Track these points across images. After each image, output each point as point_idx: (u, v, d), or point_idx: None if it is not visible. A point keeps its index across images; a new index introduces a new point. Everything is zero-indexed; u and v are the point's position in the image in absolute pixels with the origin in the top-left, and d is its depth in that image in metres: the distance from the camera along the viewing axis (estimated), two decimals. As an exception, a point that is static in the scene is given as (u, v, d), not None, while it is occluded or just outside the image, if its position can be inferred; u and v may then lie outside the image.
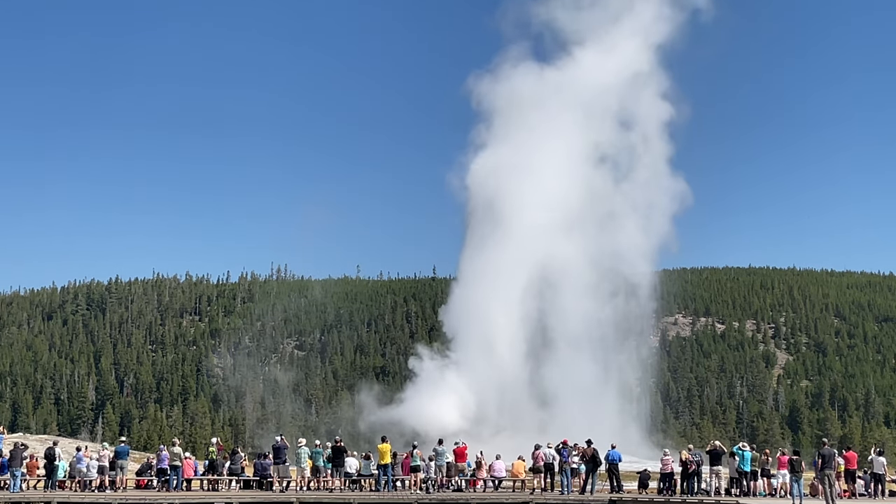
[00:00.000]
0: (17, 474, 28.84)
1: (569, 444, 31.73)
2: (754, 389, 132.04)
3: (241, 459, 32.78)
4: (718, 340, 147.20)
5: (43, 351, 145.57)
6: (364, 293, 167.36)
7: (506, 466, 34.21)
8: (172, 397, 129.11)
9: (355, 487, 31.83)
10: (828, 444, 26.54)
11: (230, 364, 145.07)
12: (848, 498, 29.35)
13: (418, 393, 74.70)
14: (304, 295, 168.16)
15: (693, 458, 29.89)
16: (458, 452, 32.80)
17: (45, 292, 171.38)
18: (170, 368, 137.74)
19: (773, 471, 31.68)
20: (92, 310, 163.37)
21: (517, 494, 31.57)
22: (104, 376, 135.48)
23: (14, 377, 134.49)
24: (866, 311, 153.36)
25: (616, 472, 31.26)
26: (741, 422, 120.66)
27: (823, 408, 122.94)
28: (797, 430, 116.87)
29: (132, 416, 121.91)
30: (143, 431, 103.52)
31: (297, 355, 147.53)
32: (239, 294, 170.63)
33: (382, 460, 30.84)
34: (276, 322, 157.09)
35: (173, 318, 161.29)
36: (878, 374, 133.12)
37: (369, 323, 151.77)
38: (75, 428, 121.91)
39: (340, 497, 29.25)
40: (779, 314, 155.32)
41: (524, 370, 75.47)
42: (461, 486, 32.08)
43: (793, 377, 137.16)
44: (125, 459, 30.98)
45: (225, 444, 44.84)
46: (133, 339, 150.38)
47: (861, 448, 62.87)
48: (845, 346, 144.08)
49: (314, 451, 32.06)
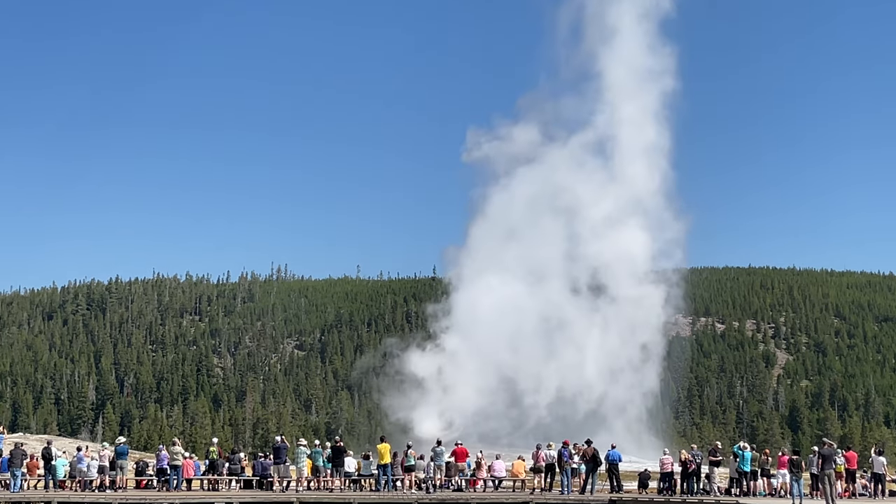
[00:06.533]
0: (17, 474, 28.84)
1: (569, 445, 31.74)
2: (754, 389, 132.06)
3: (241, 459, 32.80)
4: (718, 340, 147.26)
5: (43, 351, 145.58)
6: (364, 293, 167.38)
7: (506, 466, 34.23)
8: (172, 397, 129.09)
9: (355, 487, 31.84)
10: (828, 444, 26.46)
11: (230, 364, 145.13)
12: (848, 498, 29.34)
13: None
14: (304, 295, 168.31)
15: (693, 458, 29.89)
16: (458, 452, 32.80)
17: (45, 292, 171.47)
18: (170, 368, 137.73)
19: (773, 471, 31.69)
20: (92, 310, 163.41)
21: (517, 494, 31.55)
22: (104, 376, 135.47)
23: (14, 377, 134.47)
24: (866, 311, 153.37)
25: (616, 472, 31.27)
26: (741, 422, 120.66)
27: (823, 408, 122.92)
28: (797, 430, 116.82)
29: (132, 416, 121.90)
30: (143, 431, 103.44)
31: (297, 355, 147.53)
32: (239, 294, 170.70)
33: (382, 460, 30.86)
34: (276, 322, 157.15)
35: (173, 318, 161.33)
36: (878, 374, 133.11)
37: (369, 323, 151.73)
38: (75, 428, 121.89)
39: (340, 497, 29.24)
40: (779, 314, 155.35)
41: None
42: (461, 486, 32.08)
43: (793, 377, 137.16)
44: (125, 459, 30.98)
45: (225, 444, 44.88)
46: (133, 339, 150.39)
47: (861, 448, 62.94)
48: (845, 346, 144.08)
49: (314, 450, 32.08)
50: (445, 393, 72.05)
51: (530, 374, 74.69)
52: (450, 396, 71.78)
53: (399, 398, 74.30)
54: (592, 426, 66.94)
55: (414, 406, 71.85)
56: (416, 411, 71.09)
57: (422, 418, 69.52)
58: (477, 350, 72.91)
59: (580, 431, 56.98)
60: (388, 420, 73.40)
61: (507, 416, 73.25)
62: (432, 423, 68.27)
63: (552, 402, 73.75)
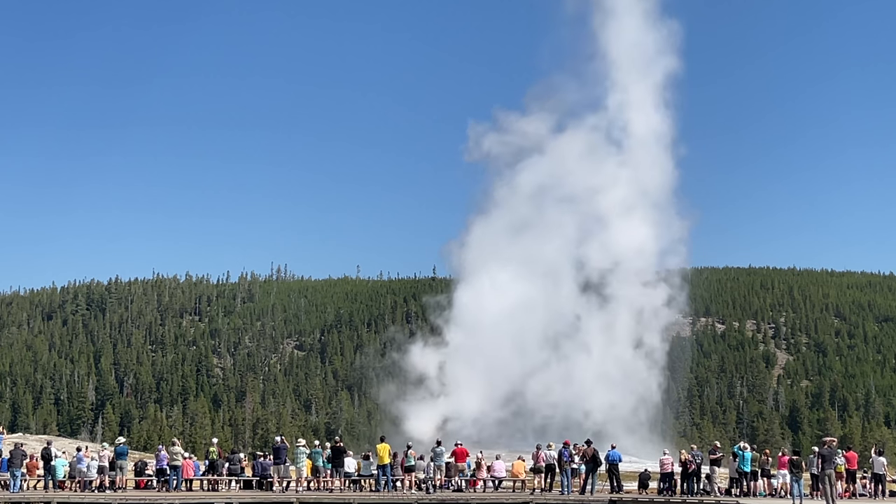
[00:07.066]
0: (16, 474, 28.84)
1: (569, 445, 31.74)
2: (754, 389, 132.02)
3: (240, 460, 32.80)
4: (718, 340, 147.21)
5: (43, 351, 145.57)
6: (364, 293, 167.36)
7: (506, 467, 34.22)
8: (172, 397, 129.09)
9: (355, 488, 31.84)
10: (828, 444, 26.42)
11: (230, 364, 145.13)
12: (848, 498, 29.33)
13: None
14: (304, 295, 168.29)
15: (693, 458, 29.87)
16: (458, 453, 32.78)
17: (45, 292, 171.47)
18: (170, 368, 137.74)
19: (773, 471, 31.67)
20: (92, 310, 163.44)
21: (517, 495, 31.55)
22: (104, 376, 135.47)
23: (14, 377, 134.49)
24: (866, 311, 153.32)
25: (616, 472, 31.27)
26: (741, 422, 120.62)
27: (823, 408, 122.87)
28: (797, 430, 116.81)
29: (132, 416, 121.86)
30: (143, 431, 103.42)
31: (297, 355, 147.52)
32: (239, 294, 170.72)
33: (382, 461, 30.85)
34: (276, 322, 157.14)
35: (173, 318, 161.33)
36: (878, 374, 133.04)
37: (369, 323, 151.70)
38: (75, 428, 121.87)
39: (340, 497, 29.24)
40: (779, 314, 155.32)
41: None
42: (461, 487, 32.07)
43: (793, 377, 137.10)
44: (125, 460, 30.98)
45: (224, 444, 44.89)
46: (133, 339, 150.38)
47: (861, 448, 62.86)
48: (845, 346, 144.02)
49: (314, 451, 32.07)
50: (444, 388, 71.89)
51: (531, 374, 74.40)
52: (448, 392, 71.60)
53: (395, 392, 74.25)
54: (592, 426, 66.85)
55: (409, 400, 71.73)
56: (411, 406, 70.96)
57: (417, 413, 69.30)
58: (477, 346, 72.63)
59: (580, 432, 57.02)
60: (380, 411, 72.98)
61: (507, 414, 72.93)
62: (428, 418, 67.96)
63: (552, 401, 73.53)
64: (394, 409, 72.70)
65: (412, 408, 70.78)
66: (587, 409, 72.00)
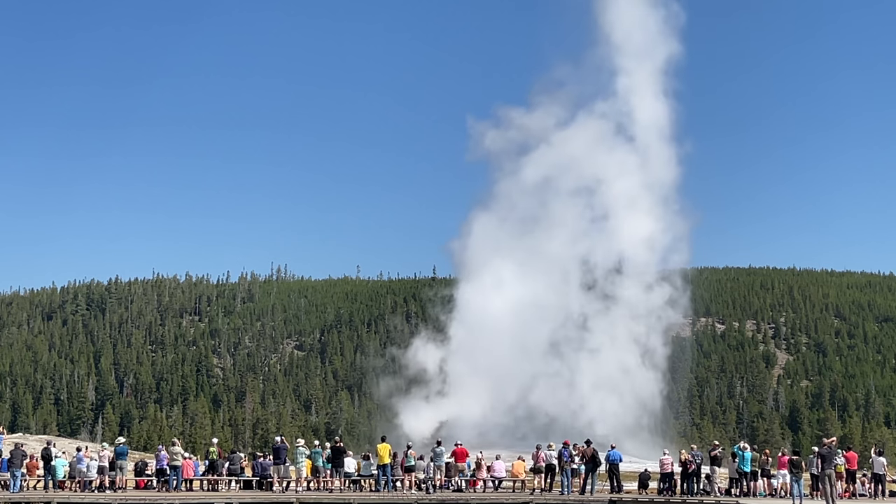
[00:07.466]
0: (16, 475, 28.84)
1: (569, 445, 31.75)
2: (754, 389, 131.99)
3: (240, 460, 32.81)
4: (718, 340, 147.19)
5: (43, 351, 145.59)
6: (364, 293, 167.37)
7: (506, 467, 34.22)
8: (172, 397, 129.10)
9: (355, 488, 31.84)
10: (828, 444, 26.42)
11: (230, 364, 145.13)
12: (848, 498, 29.33)
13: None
14: (304, 295, 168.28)
15: (693, 458, 29.87)
16: (458, 453, 32.79)
17: (45, 292, 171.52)
18: (170, 368, 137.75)
19: (773, 471, 31.67)
20: (92, 310, 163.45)
21: (517, 495, 31.56)
22: (104, 376, 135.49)
23: (14, 377, 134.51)
24: (866, 311, 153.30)
25: (616, 472, 31.27)
26: (741, 422, 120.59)
27: (823, 408, 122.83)
28: (797, 430, 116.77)
29: (132, 416, 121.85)
30: (143, 432, 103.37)
31: (297, 355, 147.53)
32: (239, 294, 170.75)
33: (382, 461, 30.85)
34: (276, 322, 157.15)
35: (173, 318, 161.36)
36: (878, 374, 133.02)
37: (369, 323, 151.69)
38: (75, 428, 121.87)
39: (340, 497, 29.25)
40: (779, 314, 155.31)
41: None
42: (461, 487, 32.07)
43: (793, 377, 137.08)
44: (125, 460, 30.99)
45: (224, 444, 44.88)
46: (133, 339, 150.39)
47: (861, 448, 62.82)
48: (845, 346, 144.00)
49: (313, 451, 32.07)
50: (445, 387, 71.76)
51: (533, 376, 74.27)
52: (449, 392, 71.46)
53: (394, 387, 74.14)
54: (592, 427, 66.70)
55: (408, 398, 71.62)
56: (410, 403, 70.86)
57: (416, 412, 69.17)
58: (479, 344, 72.49)
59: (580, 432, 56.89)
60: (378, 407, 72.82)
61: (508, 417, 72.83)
62: (426, 418, 67.83)
63: (554, 404, 73.37)
64: (392, 406, 72.56)
65: (410, 405, 70.66)
66: (590, 417, 71.36)
